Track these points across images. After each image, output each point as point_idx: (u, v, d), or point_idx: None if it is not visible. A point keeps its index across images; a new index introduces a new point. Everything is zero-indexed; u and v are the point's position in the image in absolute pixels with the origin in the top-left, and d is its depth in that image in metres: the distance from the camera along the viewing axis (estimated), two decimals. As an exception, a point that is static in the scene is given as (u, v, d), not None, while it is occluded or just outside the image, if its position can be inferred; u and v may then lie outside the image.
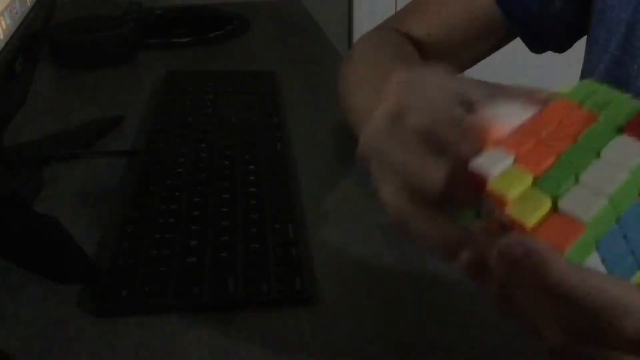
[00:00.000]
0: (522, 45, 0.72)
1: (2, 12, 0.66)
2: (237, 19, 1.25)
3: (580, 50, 0.67)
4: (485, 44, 0.72)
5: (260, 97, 0.92)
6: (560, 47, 0.71)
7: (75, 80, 1.02)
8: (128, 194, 0.70)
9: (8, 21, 0.67)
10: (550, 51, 0.72)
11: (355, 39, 1.65)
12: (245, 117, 0.86)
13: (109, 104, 0.94)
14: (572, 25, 0.67)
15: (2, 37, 0.65)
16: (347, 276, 0.60)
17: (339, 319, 0.55)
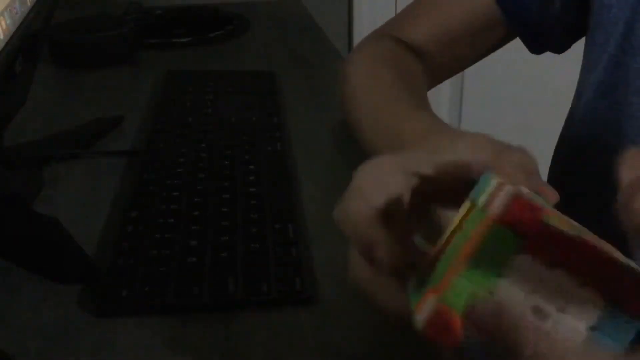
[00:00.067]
0: (522, 45, 0.72)
1: (2, 12, 0.66)
2: (237, 19, 1.25)
3: (579, 50, 0.67)
4: (485, 45, 0.72)
5: (260, 97, 0.92)
6: (560, 47, 0.71)
7: (75, 80, 1.02)
8: (128, 194, 0.70)
9: (8, 21, 0.67)
10: (549, 52, 0.72)
11: (356, 39, 1.65)
12: (245, 117, 0.86)
13: (109, 104, 0.94)
14: (572, 25, 0.67)
15: (2, 37, 0.65)
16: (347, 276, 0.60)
17: (339, 319, 0.55)
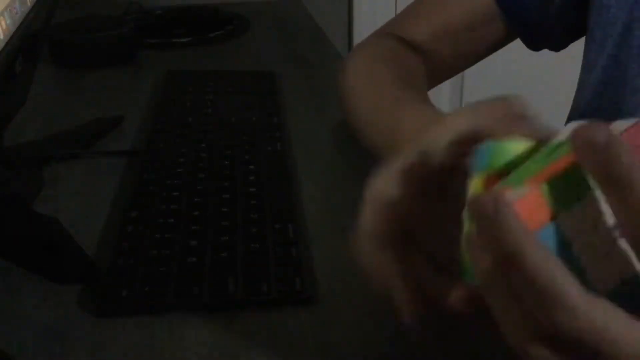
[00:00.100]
0: (522, 45, 0.72)
1: (2, 12, 0.66)
2: (237, 19, 1.25)
3: (580, 49, 0.67)
4: (485, 45, 0.72)
5: (260, 97, 0.92)
6: (558, 46, 0.71)
7: (75, 80, 1.02)
8: (128, 194, 0.70)
9: (8, 21, 0.67)
10: (547, 49, 0.72)
11: (356, 39, 1.65)
12: (245, 117, 0.86)
13: (109, 104, 0.94)
14: (572, 25, 0.67)
15: (2, 37, 0.65)
16: (347, 276, 0.60)
17: (339, 319, 0.55)
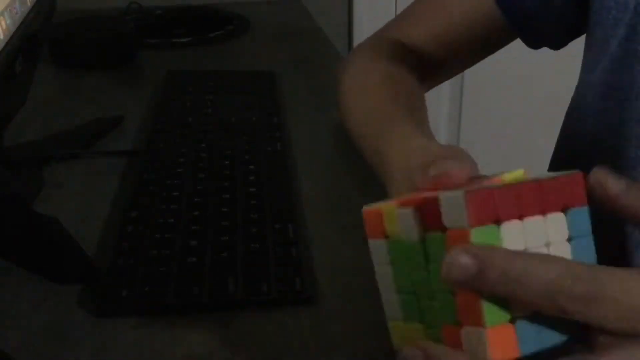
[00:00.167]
0: (522, 45, 0.72)
1: (2, 12, 0.66)
2: (237, 19, 1.25)
3: (580, 49, 0.67)
4: (485, 45, 0.72)
5: (260, 97, 0.92)
6: (558, 44, 0.71)
7: (75, 80, 1.02)
8: (128, 194, 0.70)
9: (8, 21, 0.67)
10: (547, 48, 0.72)
11: (356, 39, 1.65)
12: (245, 117, 0.86)
13: (109, 104, 0.94)
14: (572, 24, 0.66)
15: (2, 37, 0.65)
16: (347, 276, 0.60)
17: (339, 319, 0.55)
